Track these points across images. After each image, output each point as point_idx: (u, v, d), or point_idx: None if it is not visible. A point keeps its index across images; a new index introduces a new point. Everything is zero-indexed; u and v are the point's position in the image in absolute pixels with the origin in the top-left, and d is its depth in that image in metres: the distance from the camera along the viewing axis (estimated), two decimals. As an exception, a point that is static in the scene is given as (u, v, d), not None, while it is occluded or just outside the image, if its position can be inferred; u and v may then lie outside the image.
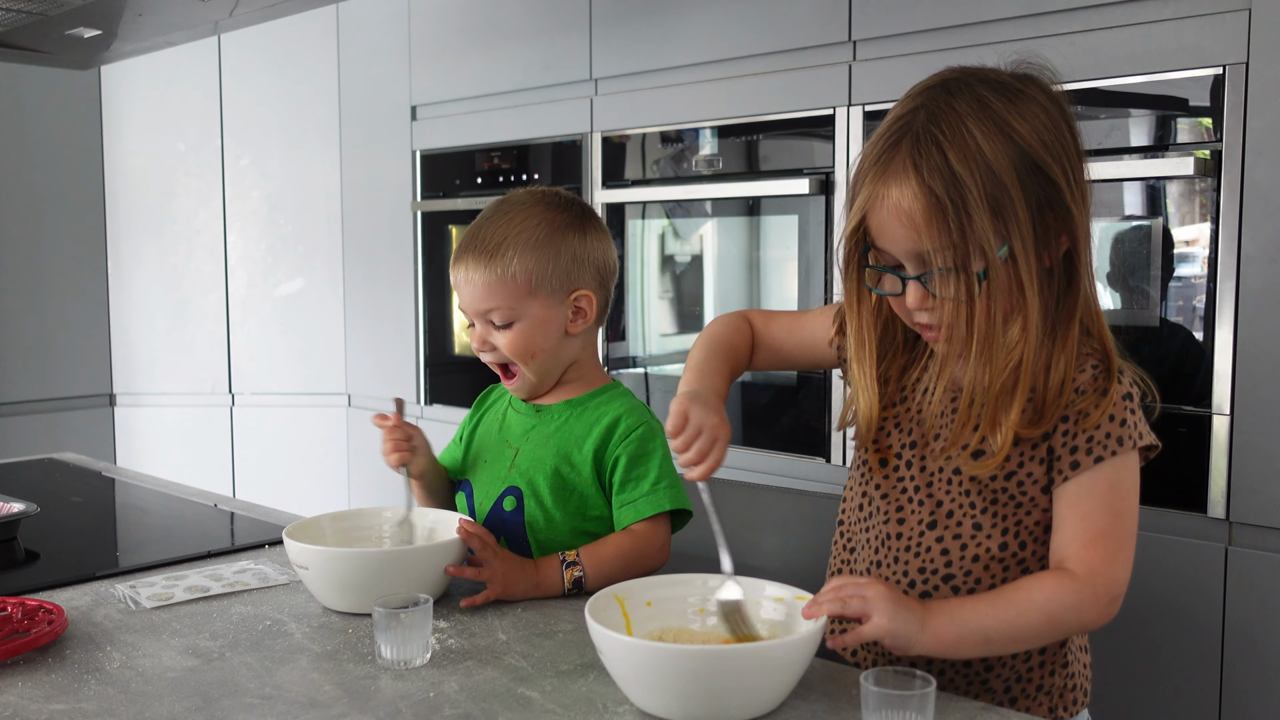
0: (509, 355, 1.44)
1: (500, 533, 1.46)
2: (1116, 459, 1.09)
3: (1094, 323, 1.13)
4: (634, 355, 2.55)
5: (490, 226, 1.43)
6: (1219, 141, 1.65)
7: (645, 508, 1.40)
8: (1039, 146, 1.06)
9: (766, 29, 2.21)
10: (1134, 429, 1.10)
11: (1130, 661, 1.76)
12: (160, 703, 1.06)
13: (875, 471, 1.23)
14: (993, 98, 1.07)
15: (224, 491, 3.23)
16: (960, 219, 1.04)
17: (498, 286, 1.41)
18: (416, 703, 1.06)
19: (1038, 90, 1.11)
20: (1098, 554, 1.07)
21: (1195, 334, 1.70)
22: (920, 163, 1.05)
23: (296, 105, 3.33)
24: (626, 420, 1.44)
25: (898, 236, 1.08)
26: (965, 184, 1.04)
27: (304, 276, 3.37)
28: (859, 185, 1.11)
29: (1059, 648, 1.19)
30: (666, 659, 0.99)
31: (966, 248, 1.05)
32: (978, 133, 1.05)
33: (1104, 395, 1.09)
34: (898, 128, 1.09)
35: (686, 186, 2.36)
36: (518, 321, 1.43)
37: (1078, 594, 1.07)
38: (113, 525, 1.90)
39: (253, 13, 2.44)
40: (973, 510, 1.15)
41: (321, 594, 1.34)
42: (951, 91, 1.09)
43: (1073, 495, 1.10)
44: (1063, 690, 1.20)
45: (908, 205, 1.06)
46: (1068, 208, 1.08)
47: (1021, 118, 1.07)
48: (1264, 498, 1.63)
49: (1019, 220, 1.05)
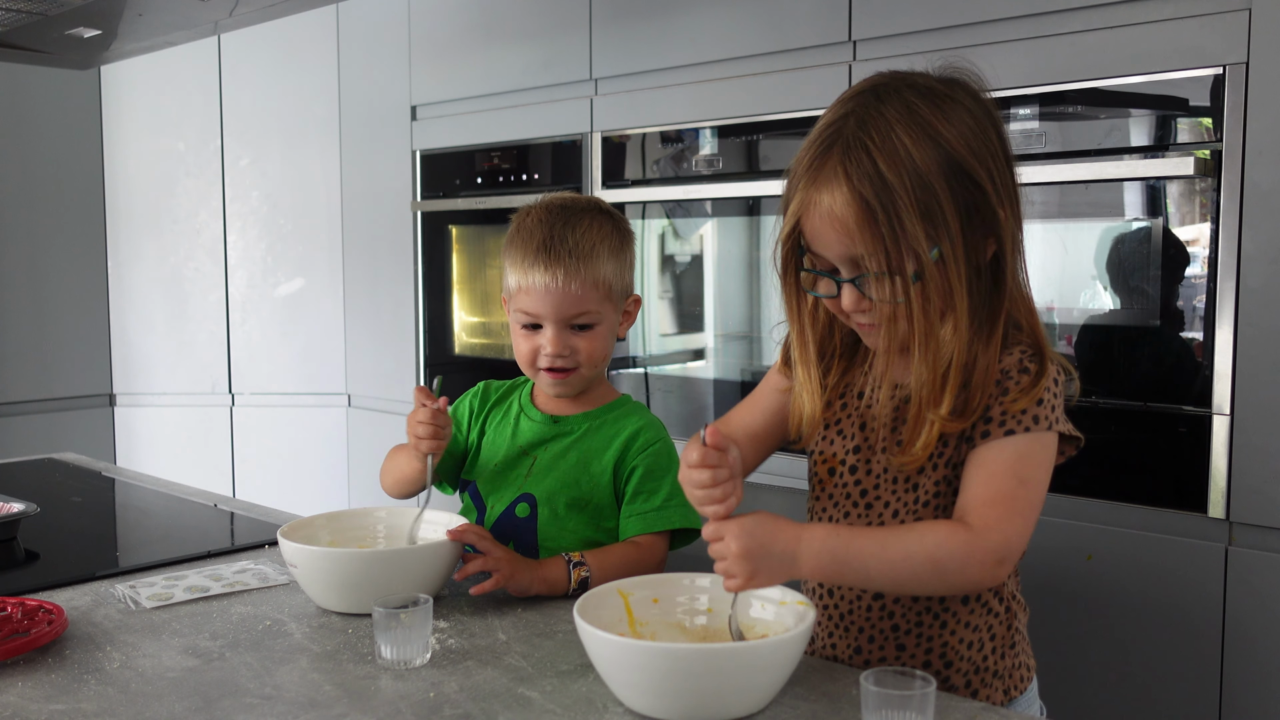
0: (587, 359, 1.44)
1: (510, 537, 1.47)
2: (1030, 435, 1.10)
3: (1026, 317, 1.16)
4: (634, 355, 2.55)
5: (570, 232, 1.42)
6: (1219, 141, 1.65)
7: (655, 521, 1.41)
8: (965, 151, 1.08)
9: (766, 29, 2.21)
10: (1051, 411, 1.11)
11: (1130, 661, 1.76)
12: (160, 703, 1.06)
13: (826, 481, 1.24)
14: (920, 103, 1.09)
15: (224, 491, 3.23)
16: (891, 223, 1.06)
17: (590, 291, 1.42)
18: (416, 703, 1.06)
19: (964, 95, 1.12)
20: (995, 512, 1.08)
21: (1195, 334, 1.70)
22: (850, 169, 1.08)
23: (296, 105, 3.33)
24: (646, 434, 1.46)
25: (831, 241, 1.11)
26: (895, 189, 1.06)
27: (304, 276, 3.37)
28: (792, 191, 1.13)
29: (1007, 631, 1.20)
30: (650, 658, 0.99)
31: (899, 251, 1.07)
32: (906, 138, 1.07)
33: (1032, 378, 1.11)
34: (829, 134, 1.11)
35: (686, 186, 2.36)
36: (598, 325, 1.44)
37: (968, 545, 1.06)
38: (113, 525, 1.90)
39: (253, 13, 2.44)
40: (915, 505, 1.17)
41: (314, 593, 1.34)
42: (880, 98, 1.11)
43: (979, 458, 1.11)
44: (1011, 670, 1.22)
45: (839, 211, 1.08)
46: (994, 210, 1.10)
47: (948, 123, 1.09)
48: (1264, 498, 1.63)
49: (948, 223, 1.07)
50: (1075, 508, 1.82)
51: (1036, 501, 1.11)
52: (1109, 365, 1.80)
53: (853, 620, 1.22)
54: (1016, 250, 1.14)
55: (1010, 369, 1.12)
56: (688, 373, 2.46)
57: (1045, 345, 1.14)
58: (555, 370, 1.45)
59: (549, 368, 1.45)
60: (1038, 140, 1.84)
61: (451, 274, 3.00)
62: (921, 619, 1.18)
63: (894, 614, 1.19)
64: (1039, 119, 1.84)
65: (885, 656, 1.20)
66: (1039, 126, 1.84)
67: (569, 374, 1.45)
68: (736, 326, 2.36)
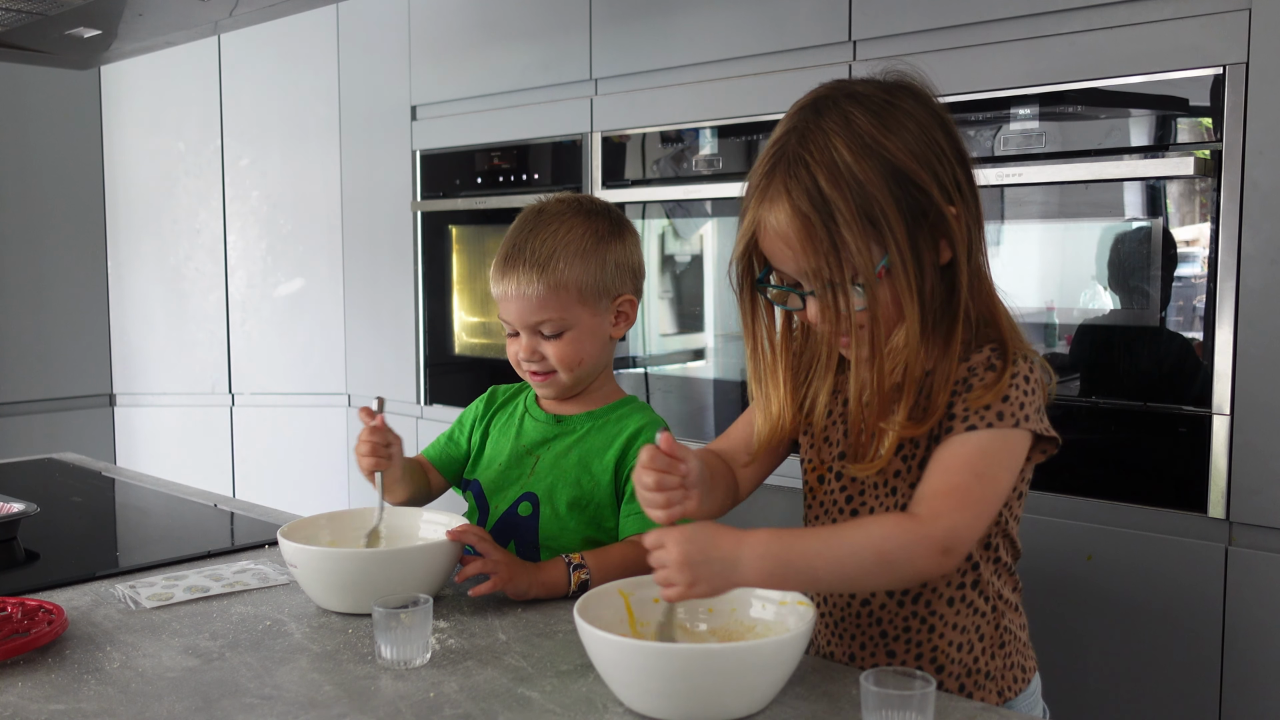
0: (558, 365, 1.45)
1: (511, 536, 1.47)
2: (993, 431, 1.09)
3: (992, 313, 1.15)
4: (634, 355, 2.55)
5: (536, 238, 1.43)
6: (1219, 141, 1.65)
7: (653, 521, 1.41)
8: (907, 157, 1.08)
9: (766, 29, 2.21)
10: (1019, 409, 1.10)
11: (1130, 661, 1.76)
12: (160, 703, 1.06)
13: (817, 489, 1.25)
14: (859, 113, 1.09)
15: (224, 491, 3.23)
16: (831, 236, 1.07)
17: (551, 298, 1.42)
18: (416, 703, 1.06)
19: (907, 100, 1.12)
20: (945, 504, 1.06)
21: (1195, 334, 1.70)
22: (791, 185, 1.09)
23: (296, 105, 3.33)
24: (647, 433, 1.46)
25: (783, 258, 1.12)
26: (834, 202, 1.07)
27: (304, 276, 3.37)
28: (744, 210, 1.14)
29: (994, 630, 1.19)
30: (650, 658, 1.00)
31: (839, 264, 1.07)
32: (845, 151, 1.07)
33: (997, 374, 1.10)
34: (773, 151, 1.12)
35: (686, 186, 2.36)
36: (568, 331, 1.44)
37: (913, 534, 1.05)
38: (113, 525, 1.90)
39: (253, 13, 2.44)
40: (896, 509, 1.17)
41: (314, 593, 1.34)
42: (820, 111, 1.11)
43: (939, 453, 1.10)
44: (1003, 671, 1.21)
45: (784, 228, 1.09)
46: (942, 213, 1.09)
47: (888, 131, 1.09)
48: (1264, 498, 1.63)
49: (893, 232, 1.07)
50: (1075, 508, 1.82)
51: (992, 497, 1.09)
52: (1109, 365, 1.80)
53: (844, 626, 1.22)
54: (977, 248, 1.14)
55: (977, 366, 1.12)
56: (688, 373, 2.46)
57: (1011, 342, 1.13)
58: (535, 373, 1.47)
59: (530, 371, 1.47)
60: (1038, 140, 1.84)
61: (451, 274, 3.00)
62: (909, 623, 1.18)
63: (881, 619, 1.19)
64: (1039, 119, 1.84)
65: (878, 662, 1.20)
66: (1039, 126, 1.84)
67: (547, 377, 1.47)
68: (736, 326, 2.35)
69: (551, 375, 1.46)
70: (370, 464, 1.43)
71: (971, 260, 1.13)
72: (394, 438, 1.45)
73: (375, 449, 1.42)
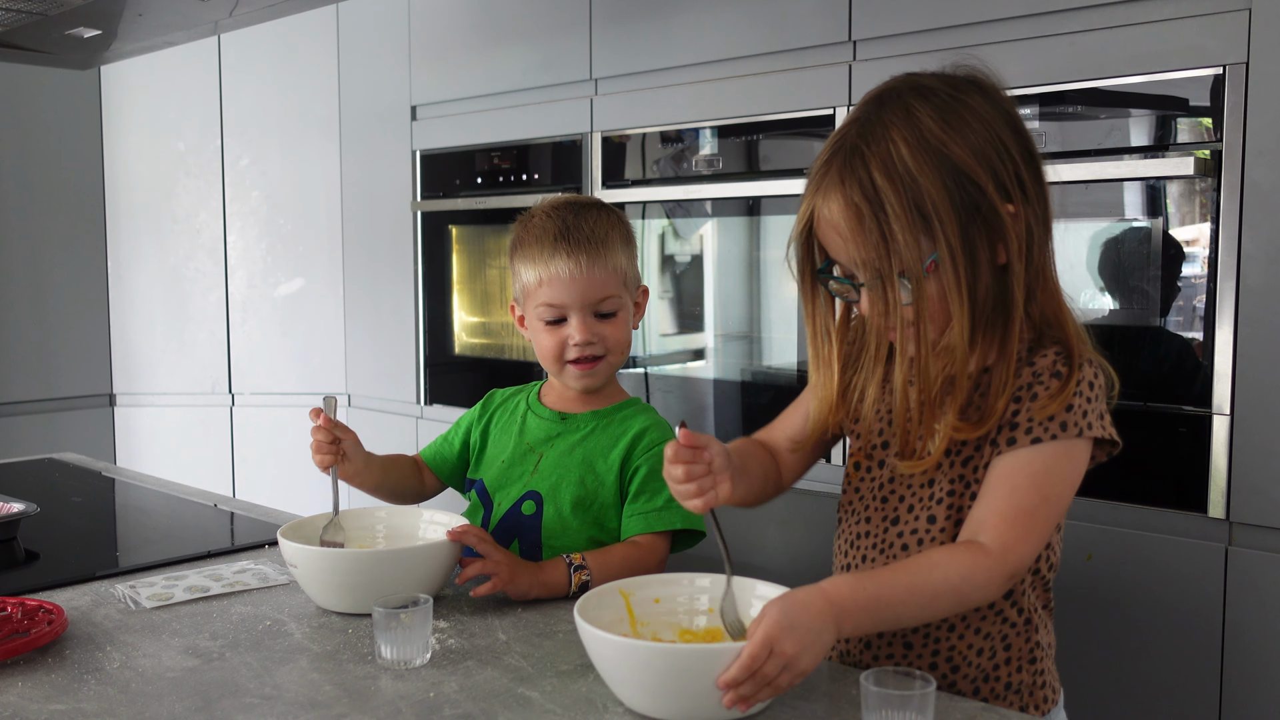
0: (614, 346, 1.46)
1: (515, 535, 1.47)
2: (1057, 444, 1.09)
3: (1059, 316, 1.14)
4: (634, 355, 2.55)
5: (583, 222, 1.44)
6: (1219, 141, 1.65)
7: (655, 522, 1.41)
8: (966, 155, 1.08)
9: (766, 29, 2.21)
10: (1082, 417, 1.09)
11: (1130, 662, 1.76)
12: (160, 703, 1.06)
13: (852, 476, 1.25)
14: (922, 108, 1.09)
15: (224, 491, 3.23)
16: (881, 229, 1.07)
17: (610, 277, 1.44)
18: (416, 703, 1.06)
19: (976, 96, 1.12)
20: (1014, 532, 1.07)
21: (1195, 334, 1.70)
22: (846, 176, 1.09)
23: (296, 105, 3.33)
24: (652, 434, 1.46)
25: (837, 248, 1.12)
26: (886, 195, 1.06)
27: (304, 276, 3.37)
28: (805, 196, 1.15)
29: (1024, 643, 1.19)
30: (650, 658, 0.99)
31: (887, 256, 1.07)
32: (903, 144, 1.07)
33: (1062, 382, 1.09)
34: (835, 141, 1.12)
35: (686, 186, 2.36)
36: (621, 311, 1.46)
37: (989, 572, 1.06)
38: (113, 525, 1.90)
39: (253, 13, 2.44)
40: (930, 502, 1.16)
41: (314, 593, 1.34)
42: (883, 103, 1.11)
43: (1005, 468, 1.10)
44: (1032, 688, 1.20)
45: (836, 218, 1.10)
46: (998, 212, 1.08)
47: (950, 127, 1.08)
48: (1264, 498, 1.63)
49: (945, 227, 1.07)
50: (1075, 508, 1.80)
51: (1054, 517, 1.11)
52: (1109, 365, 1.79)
53: None
54: (1041, 249, 1.12)
55: (1042, 372, 1.11)
56: (688, 373, 2.46)
57: (1077, 346, 1.12)
58: (583, 361, 1.45)
59: (578, 359, 1.45)
60: (1038, 140, 1.83)
61: (451, 274, 3.00)
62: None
63: None
64: (1039, 119, 1.84)
65: (894, 654, 1.19)
66: (1039, 126, 1.84)
67: (597, 363, 1.46)
68: (736, 326, 2.36)
69: (599, 361, 1.46)
70: (320, 460, 1.46)
71: (1032, 260, 1.11)
72: (344, 433, 1.46)
73: (321, 446, 1.45)
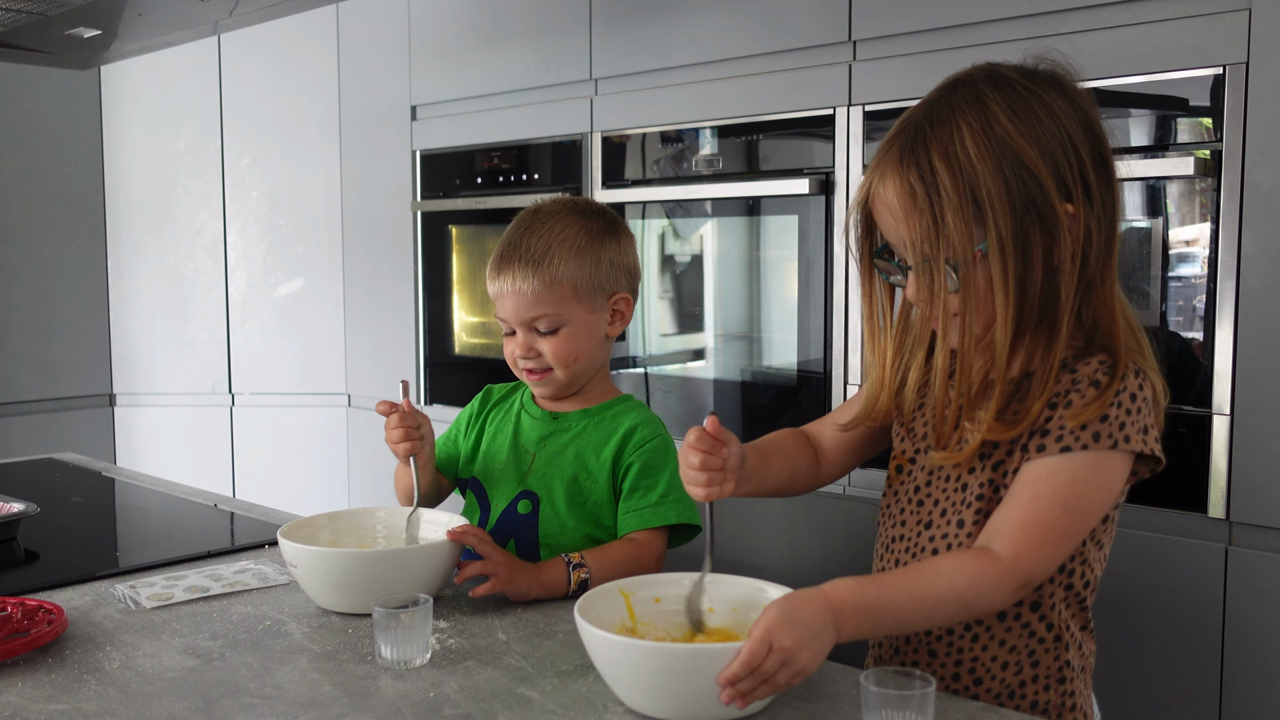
0: (554, 361, 1.45)
1: (511, 535, 1.47)
2: (1088, 454, 1.06)
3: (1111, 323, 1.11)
4: (634, 355, 2.55)
5: (531, 236, 1.44)
6: (1219, 141, 1.65)
7: (651, 517, 1.41)
8: (1030, 149, 1.06)
9: (766, 29, 2.21)
10: (1119, 429, 1.06)
11: (1130, 662, 1.76)
12: (160, 703, 1.06)
13: (893, 479, 1.25)
14: (994, 97, 1.08)
15: (224, 491, 3.23)
16: (934, 211, 1.06)
17: (546, 294, 1.43)
18: (416, 703, 1.06)
19: (1052, 93, 1.09)
20: (1028, 542, 1.05)
21: (1195, 334, 1.70)
22: (906, 157, 1.08)
23: (296, 105, 3.33)
24: (643, 430, 1.46)
25: (888, 226, 1.12)
26: (941, 178, 1.06)
27: (304, 276, 3.37)
28: (866, 173, 1.14)
29: (1053, 660, 1.15)
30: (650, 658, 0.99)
31: (936, 241, 1.06)
32: (966, 131, 1.06)
33: (1098, 390, 1.07)
34: (903, 121, 1.12)
35: (686, 186, 2.36)
36: (563, 327, 1.45)
37: (997, 580, 1.04)
38: (113, 525, 1.90)
39: (253, 13, 2.44)
40: (961, 506, 1.15)
41: (314, 593, 1.34)
42: (956, 89, 1.11)
43: (1031, 475, 1.08)
44: (1060, 709, 1.16)
45: (890, 197, 1.10)
46: (1054, 210, 1.06)
47: (1018, 118, 1.06)
48: (1264, 498, 1.63)
49: (997, 217, 1.05)
50: (1075, 508, 1.81)
51: (1078, 530, 1.07)
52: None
53: None
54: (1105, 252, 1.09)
55: (1082, 380, 1.08)
56: (688, 373, 2.46)
57: (1124, 357, 1.09)
58: (530, 372, 1.48)
59: (525, 370, 1.48)
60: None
61: (451, 274, 3.00)
62: (954, 628, 1.16)
63: None
64: (1039, 119, 1.84)
65: (919, 659, 1.18)
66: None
67: (544, 375, 1.47)
68: (736, 326, 2.36)
69: (547, 373, 1.47)
70: (407, 448, 1.44)
71: (1088, 265, 1.08)
72: (423, 418, 1.48)
73: (409, 433, 1.44)
